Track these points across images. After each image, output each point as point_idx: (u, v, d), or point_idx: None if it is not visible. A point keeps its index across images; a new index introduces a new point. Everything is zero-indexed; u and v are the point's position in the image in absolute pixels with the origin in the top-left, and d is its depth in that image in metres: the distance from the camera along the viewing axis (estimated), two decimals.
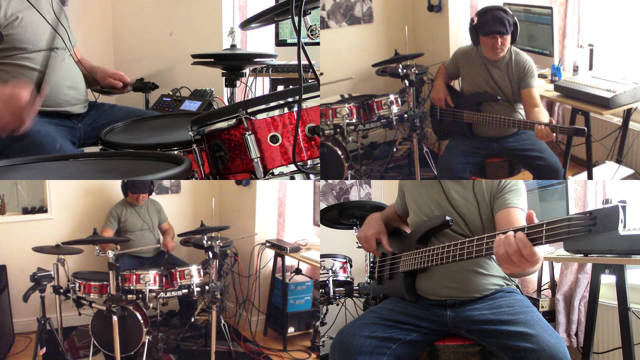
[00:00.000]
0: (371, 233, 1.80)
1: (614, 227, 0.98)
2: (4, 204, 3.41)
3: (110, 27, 3.85)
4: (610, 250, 1.94)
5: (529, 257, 1.18)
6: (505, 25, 2.32)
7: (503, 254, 1.21)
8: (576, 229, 1.03)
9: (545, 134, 2.20)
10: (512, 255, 1.19)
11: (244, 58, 2.66)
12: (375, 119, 2.81)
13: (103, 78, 2.54)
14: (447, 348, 1.56)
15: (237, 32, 2.83)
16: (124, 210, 3.36)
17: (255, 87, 3.39)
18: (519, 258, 1.19)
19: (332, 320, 2.94)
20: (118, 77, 2.54)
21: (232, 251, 3.44)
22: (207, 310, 3.09)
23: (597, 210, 1.01)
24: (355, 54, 3.58)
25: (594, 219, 1.00)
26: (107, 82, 2.53)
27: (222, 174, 1.69)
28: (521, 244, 1.18)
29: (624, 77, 2.42)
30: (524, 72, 2.41)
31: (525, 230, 1.16)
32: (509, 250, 1.19)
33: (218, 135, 1.65)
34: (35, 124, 2.16)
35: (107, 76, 2.53)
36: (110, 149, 1.90)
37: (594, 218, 1.01)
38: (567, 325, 2.56)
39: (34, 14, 2.20)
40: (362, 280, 2.27)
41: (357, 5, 3.58)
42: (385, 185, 3.29)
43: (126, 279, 2.74)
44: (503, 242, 1.21)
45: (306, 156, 1.59)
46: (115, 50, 3.87)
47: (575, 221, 1.03)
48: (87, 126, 2.45)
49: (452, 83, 2.78)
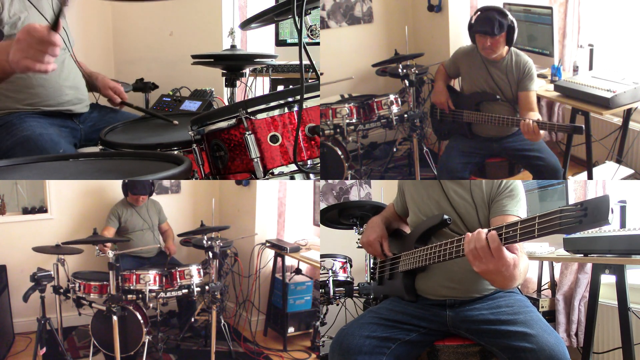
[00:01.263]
0: (374, 237, 1.81)
1: (604, 217, 0.99)
2: (4, 204, 3.41)
3: (110, 27, 3.85)
4: (610, 250, 1.94)
5: (495, 252, 1.20)
6: (493, 26, 2.32)
7: (472, 249, 1.24)
8: (568, 220, 1.03)
9: (530, 130, 2.19)
10: (479, 250, 1.23)
11: (244, 59, 2.66)
12: (375, 119, 2.81)
13: (103, 87, 2.54)
14: (447, 348, 1.56)
15: (237, 32, 2.83)
16: (124, 210, 3.37)
17: (255, 87, 3.39)
18: (485, 253, 1.22)
19: (332, 320, 2.93)
20: (118, 91, 2.54)
21: (232, 251, 3.44)
22: (207, 310, 3.09)
23: (588, 201, 1.02)
24: (355, 54, 3.58)
25: (585, 209, 1.01)
26: (106, 93, 2.53)
27: (222, 174, 1.69)
28: (490, 239, 1.21)
29: (624, 77, 2.42)
30: (524, 74, 2.41)
31: (519, 224, 1.17)
32: (477, 245, 1.23)
33: (218, 135, 1.65)
34: (38, 126, 2.17)
35: (107, 87, 2.53)
36: (110, 149, 1.90)
37: (585, 209, 1.01)
38: (567, 325, 2.56)
39: (35, 14, 2.20)
40: (362, 280, 2.27)
41: (357, 5, 3.58)
42: (385, 185, 3.29)
43: (126, 279, 2.74)
44: (474, 237, 1.25)
45: (306, 156, 1.59)
46: (115, 50, 3.87)
47: (566, 212, 1.04)
48: (89, 128, 2.45)
49: (451, 82, 2.78)
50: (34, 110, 2.24)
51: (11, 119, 2.19)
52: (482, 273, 1.27)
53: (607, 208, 0.98)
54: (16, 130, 2.14)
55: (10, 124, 2.17)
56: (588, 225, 1.01)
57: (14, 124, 2.16)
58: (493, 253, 1.21)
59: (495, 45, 2.37)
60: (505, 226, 1.21)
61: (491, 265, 1.23)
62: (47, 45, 1.44)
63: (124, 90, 2.59)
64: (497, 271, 1.24)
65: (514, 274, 1.27)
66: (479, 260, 1.24)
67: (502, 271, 1.24)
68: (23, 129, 2.14)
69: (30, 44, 1.44)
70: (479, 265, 1.25)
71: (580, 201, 1.04)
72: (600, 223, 1.00)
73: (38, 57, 1.45)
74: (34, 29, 1.44)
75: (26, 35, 1.44)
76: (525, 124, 2.21)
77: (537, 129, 2.19)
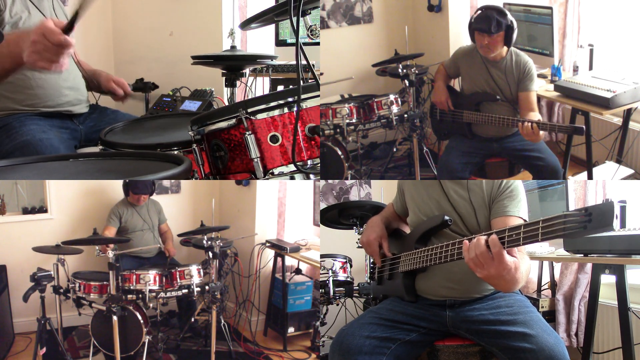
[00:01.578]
0: (373, 237, 1.81)
1: (608, 223, 0.99)
2: (4, 204, 3.41)
3: (110, 27, 3.85)
4: (610, 250, 1.94)
5: (496, 256, 1.20)
6: (491, 23, 2.31)
7: (472, 257, 1.25)
8: (572, 225, 1.03)
9: (530, 132, 2.19)
10: (480, 257, 1.23)
11: (244, 59, 2.67)
12: (375, 119, 2.81)
13: (106, 80, 2.53)
14: (447, 348, 1.56)
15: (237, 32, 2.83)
16: (124, 210, 3.37)
17: (255, 87, 3.39)
18: (486, 259, 1.22)
19: (332, 320, 2.93)
20: (121, 84, 2.54)
21: (232, 251, 3.44)
22: (207, 310, 3.09)
23: (592, 207, 1.01)
24: (355, 54, 3.58)
25: (589, 215, 1.01)
26: (109, 85, 2.52)
27: (222, 174, 1.69)
28: (492, 244, 1.21)
29: (624, 77, 2.42)
30: (524, 74, 2.41)
31: (522, 228, 1.17)
32: (477, 252, 1.23)
33: (218, 135, 1.65)
34: (37, 130, 2.16)
35: (110, 80, 2.52)
36: (110, 149, 1.90)
37: (589, 214, 1.01)
38: (567, 325, 2.56)
39: (36, 14, 2.20)
40: (362, 280, 2.27)
41: (357, 5, 3.58)
42: (385, 185, 3.29)
43: (126, 279, 2.74)
44: (473, 245, 1.25)
45: (306, 156, 1.59)
46: (115, 50, 3.86)
47: (570, 217, 1.03)
48: (89, 128, 2.44)
49: (451, 83, 2.78)
50: (34, 111, 2.23)
51: (10, 121, 2.17)
52: (484, 278, 1.27)
53: (612, 214, 0.98)
54: (16, 134, 2.13)
55: (9, 126, 2.16)
56: (592, 231, 1.01)
57: (13, 127, 2.15)
58: (494, 257, 1.21)
59: (492, 44, 2.37)
60: (508, 229, 1.21)
61: (492, 270, 1.23)
62: (62, 48, 1.46)
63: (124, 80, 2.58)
64: (499, 275, 1.24)
65: (516, 277, 1.27)
66: (480, 267, 1.25)
67: (503, 275, 1.24)
68: (23, 133, 2.13)
69: (47, 46, 1.46)
70: (481, 272, 1.25)
71: (585, 206, 1.03)
72: (604, 229, 1.00)
73: (53, 59, 1.48)
74: (49, 31, 1.46)
75: (41, 38, 1.46)
76: (525, 127, 2.21)
77: (537, 130, 2.19)
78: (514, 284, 1.29)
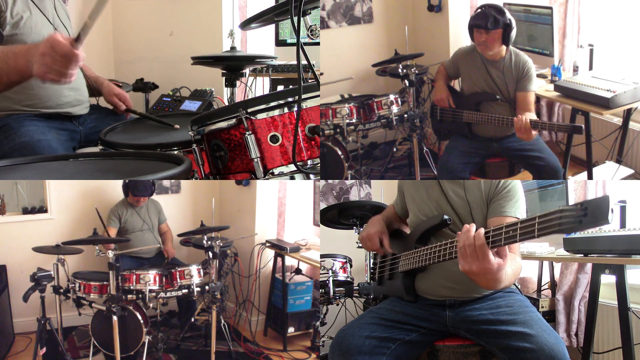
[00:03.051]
0: (374, 231, 1.81)
1: (604, 217, 0.99)
2: (4, 204, 3.41)
3: (110, 27, 3.85)
4: (610, 250, 1.94)
5: (479, 250, 1.21)
6: (487, 20, 2.31)
7: (460, 246, 1.26)
8: (568, 220, 1.03)
9: (522, 126, 2.19)
10: (467, 248, 1.24)
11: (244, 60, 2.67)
12: (375, 119, 2.81)
13: (108, 94, 2.54)
14: (447, 348, 1.56)
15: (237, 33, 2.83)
16: (124, 211, 3.37)
17: (255, 87, 3.39)
18: (472, 252, 1.23)
19: (332, 320, 2.94)
20: (123, 98, 2.54)
21: (232, 251, 3.44)
22: (207, 310, 3.10)
23: (588, 201, 1.02)
24: (355, 54, 3.58)
25: (585, 209, 1.01)
26: (111, 99, 2.54)
27: (222, 174, 1.69)
28: (476, 237, 1.22)
29: (624, 77, 2.42)
30: (523, 74, 2.41)
31: (519, 224, 1.16)
32: (466, 243, 1.24)
33: (218, 135, 1.65)
34: (36, 131, 2.15)
35: (112, 94, 2.53)
36: (110, 149, 1.90)
37: (585, 209, 1.01)
38: (567, 325, 2.56)
39: (37, 14, 2.19)
40: (362, 280, 2.27)
41: (357, 5, 3.58)
42: (385, 185, 3.29)
43: (126, 279, 2.74)
44: (463, 233, 1.26)
45: (306, 156, 1.60)
46: (115, 50, 3.87)
47: (566, 212, 1.04)
48: (89, 129, 2.44)
49: (451, 83, 2.78)
50: (33, 111, 2.22)
51: (9, 121, 2.16)
52: (465, 273, 1.27)
53: (607, 208, 0.98)
54: (14, 135, 2.11)
55: (8, 127, 2.14)
56: (588, 225, 1.01)
57: (12, 128, 2.14)
58: (477, 252, 1.22)
59: (490, 41, 2.36)
60: (505, 226, 1.20)
61: (474, 266, 1.23)
62: (71, 60, 1.47)
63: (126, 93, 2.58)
64: (479, 273, 1.24)
65: (498, 277, 1.26)
66: (464, 259, 1.25)
67: (484, 274, 1.24)
68: (21, 134, 2.11)
69: (55, 59, 1.47)
70: (463, 265, 1.26)
71: (580, 201, 1.04)
72: (600, 223, 1.00)
73: (62, 72, 1.49)
74: (57, 43, 1.47)
75: (50, 50, 1.47)
76: (518, 119, 2.21)
77: (529, 127, 2.18)
78: (495, 282, 1.28)
